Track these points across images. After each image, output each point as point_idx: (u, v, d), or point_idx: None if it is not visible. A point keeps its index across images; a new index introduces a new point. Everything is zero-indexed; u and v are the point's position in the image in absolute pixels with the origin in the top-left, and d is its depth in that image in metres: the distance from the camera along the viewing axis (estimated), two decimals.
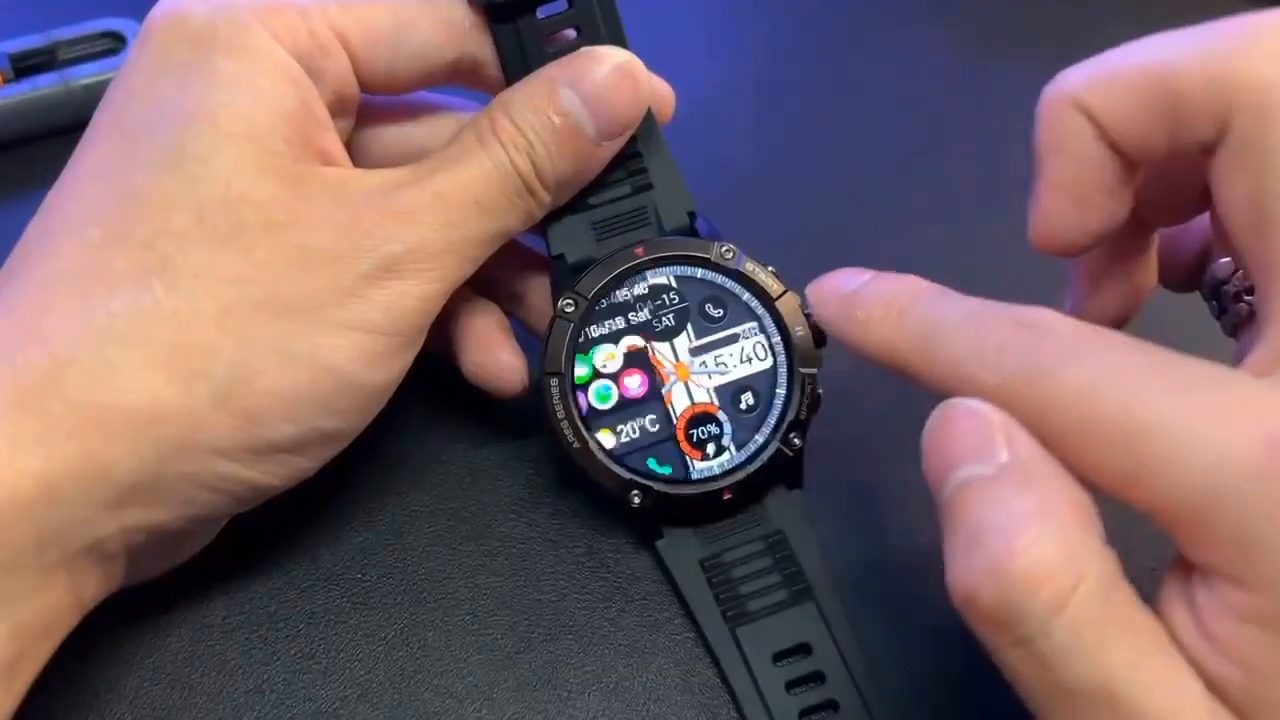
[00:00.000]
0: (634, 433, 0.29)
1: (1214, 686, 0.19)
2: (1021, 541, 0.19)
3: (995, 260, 0.35)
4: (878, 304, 0.24)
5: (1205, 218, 0.27)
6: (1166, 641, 0.19)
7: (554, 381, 0.29)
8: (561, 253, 0.30)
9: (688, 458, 0.29)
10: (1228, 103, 0.21)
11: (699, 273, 0.30)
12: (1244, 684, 0.19)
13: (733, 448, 0.29)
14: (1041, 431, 0.20)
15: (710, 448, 0.29)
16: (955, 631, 0.28)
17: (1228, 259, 0.27)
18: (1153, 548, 0.23)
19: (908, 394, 0.24)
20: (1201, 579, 0.19)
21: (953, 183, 0.39)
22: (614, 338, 0.29)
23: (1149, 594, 0.20)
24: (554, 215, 0.30)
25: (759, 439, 0.29)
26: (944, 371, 0.22)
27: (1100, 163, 0.23)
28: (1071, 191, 0.24)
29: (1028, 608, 0.18)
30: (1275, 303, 0.21)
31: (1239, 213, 0.22)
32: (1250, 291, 0.26)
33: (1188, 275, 0.29)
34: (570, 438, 0.29)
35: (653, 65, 0.29)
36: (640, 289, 0.30)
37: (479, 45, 0.30)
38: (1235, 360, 0.23)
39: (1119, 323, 0.29)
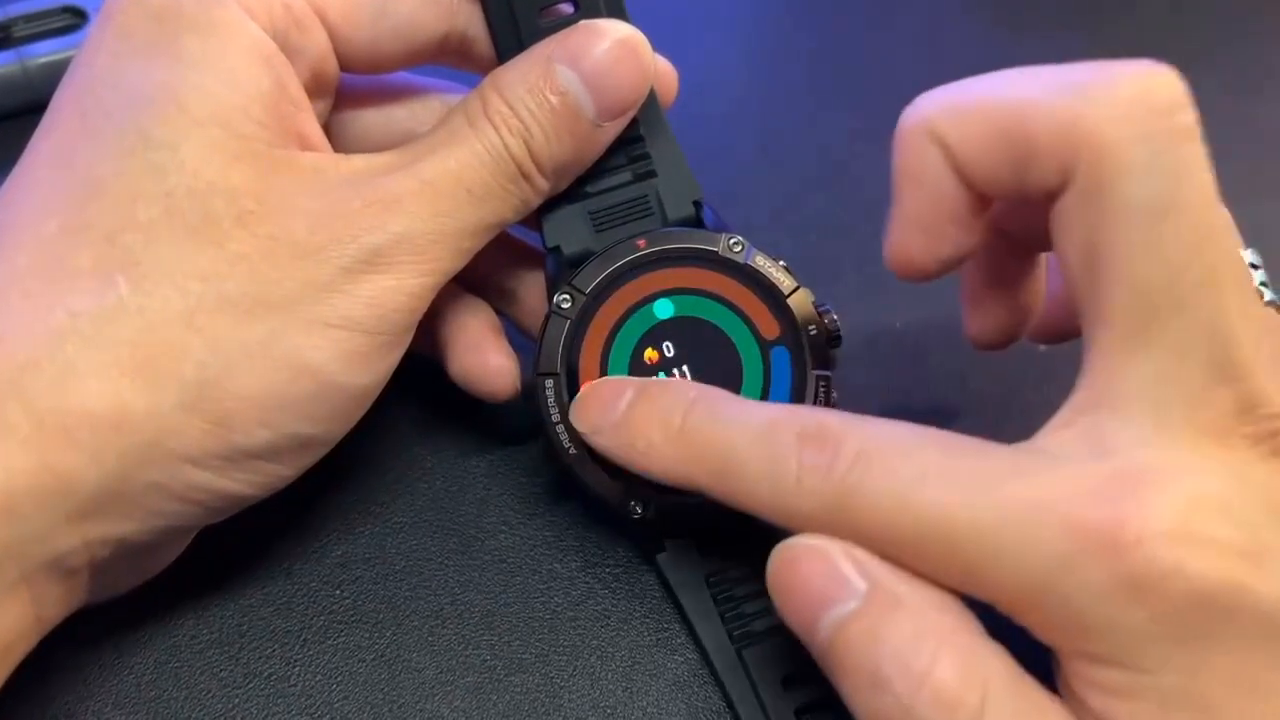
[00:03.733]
0: None
1: None
2: (922, 669, 0.21)
3: None
4: (654, 428, 0.25)
5: None
6: None
7: (549, 383, 0.29)
8: (557, 245, 0.30)
9: None
10: (1072, 153, 0.22)
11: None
12: None
13: None
14: (868, 547, 0.22)
15: None
16: None
17: None
18: None
19: (928, 397, 0.24)
20: (1064, 662, 0.22)
21: None
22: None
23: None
24: (550, 205, 0.30)
25: None
26: (746, 497, 0.24)
27: (951, 193, 0.25)
28: (922, 220, 0.26)
29: None
30: (1094, 353, 0.23)
31: (1072, 262, 0.23)
32: None
33: None
34: (566, 443, 0.29)
35: (653, 43, 0.29)
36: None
37: (468, 20, 0.30)
38: None
39: (1007, 340, 0.30)
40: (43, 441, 0.23)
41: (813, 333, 0.29)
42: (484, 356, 0.30)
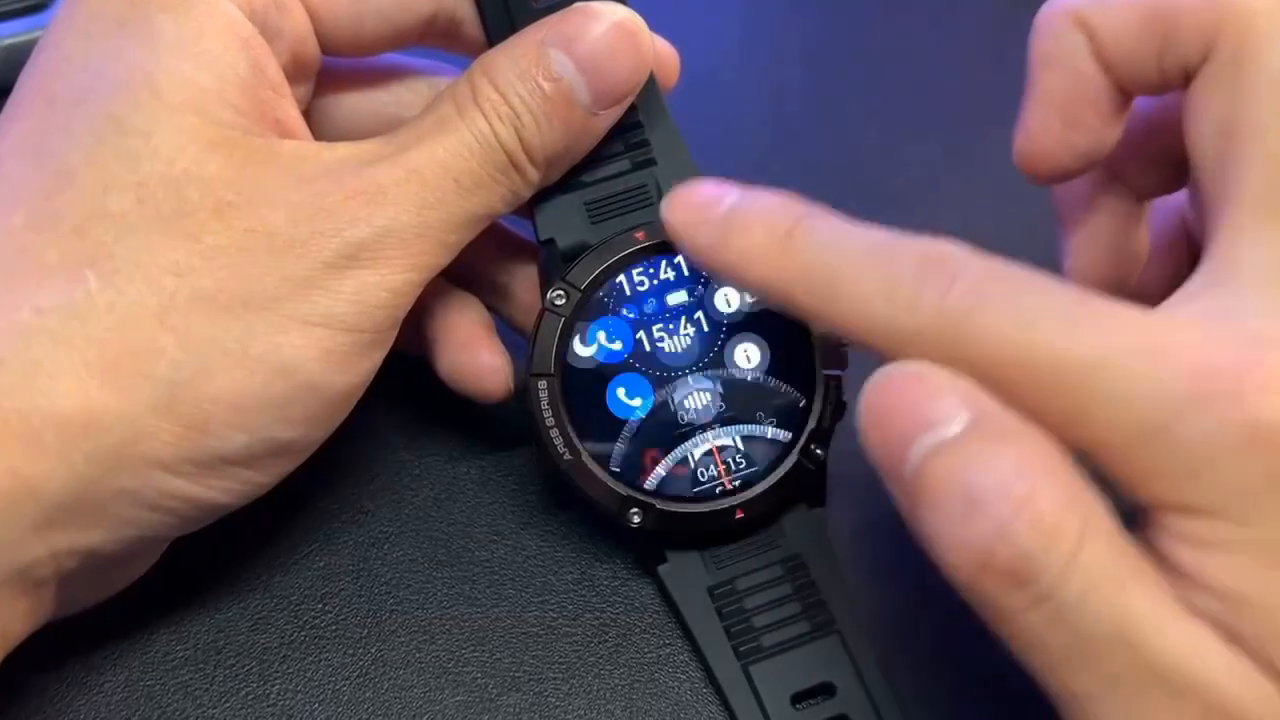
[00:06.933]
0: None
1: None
2: (1022, 494, 0.20)
3: (1031, 233, 0.34)
4: (758, 230, 0.24)
5: None
6: (1163, 580, 0.21)
7: (542, 384, 0.29)
8: (551, 237, 0.30)
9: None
10: (1215, 25, 0.23)
11: None
12: (1223, 612, 0.20)
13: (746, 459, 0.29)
14: (971, 377, 0.21)
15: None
16: (995, 668, 0.28)
17: None
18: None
19: None
20: (1157, 516, 0.21)
21: (989, 156, 0.39)
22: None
23: None
24: (543, 195, 0.30)
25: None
26: (849, 314, 0.23)
27: (1092, 79, 0.26)
28: (1062, 106, 0.26)
29: (1045, 559, 0.20)
30: (1219, 232, 0.23)
31: (1205, 138, 0.24)
32: None
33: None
34: (561, 448, 0.29)
35: (652, 24, 0.29)
36: (640, 279, 0.30)
37: (456, 0, 0.30)
38: None
39: (1114, 294, 0.30)
40: (7, 444, 0.23)
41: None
42: (475, 355, 0.31)
